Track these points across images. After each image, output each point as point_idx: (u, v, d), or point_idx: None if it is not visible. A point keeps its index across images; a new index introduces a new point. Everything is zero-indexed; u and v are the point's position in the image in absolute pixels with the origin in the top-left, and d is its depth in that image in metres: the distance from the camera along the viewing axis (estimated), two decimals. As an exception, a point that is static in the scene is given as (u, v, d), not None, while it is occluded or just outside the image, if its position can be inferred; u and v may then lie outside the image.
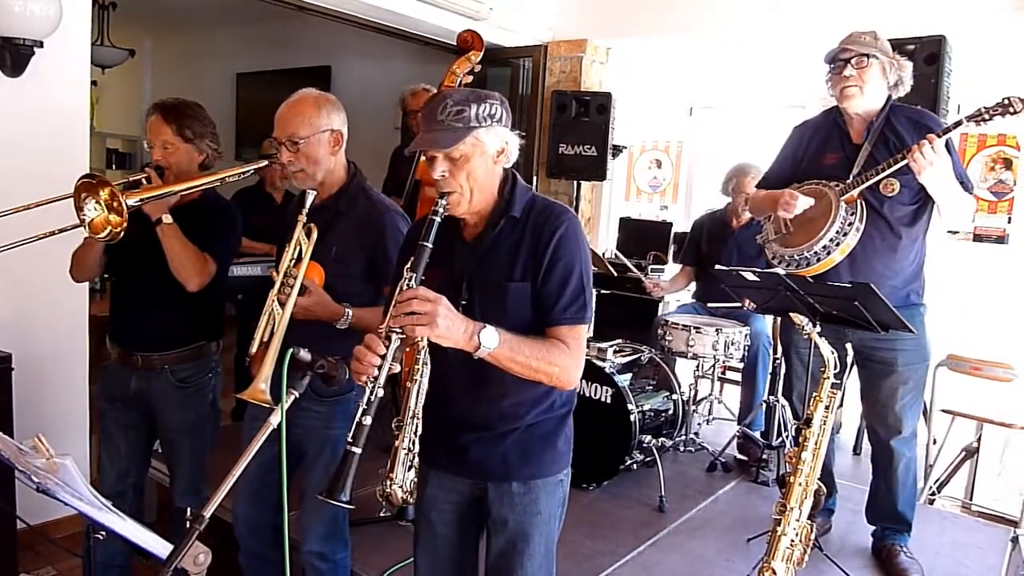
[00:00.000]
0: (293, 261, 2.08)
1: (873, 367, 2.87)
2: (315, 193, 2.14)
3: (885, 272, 2.72)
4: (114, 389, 2.49)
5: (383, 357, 1.48)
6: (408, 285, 1.52)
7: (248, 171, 2.46)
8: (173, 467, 2.59)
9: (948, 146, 2.57)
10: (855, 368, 3.05)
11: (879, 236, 2.71)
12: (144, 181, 2.28)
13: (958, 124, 2.55)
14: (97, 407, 2.55)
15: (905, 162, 2.54)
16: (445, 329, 1.47)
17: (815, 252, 2.72)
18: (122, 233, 2.11)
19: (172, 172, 2.37)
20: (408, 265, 1.55)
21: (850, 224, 2.68)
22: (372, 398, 1.48)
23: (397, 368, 1.53)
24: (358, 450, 1.46)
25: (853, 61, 2.67)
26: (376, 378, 1.48)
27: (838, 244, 2.69)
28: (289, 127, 2.12)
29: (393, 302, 1.51)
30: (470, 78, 3.64)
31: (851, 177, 2.72)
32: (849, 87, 2.68)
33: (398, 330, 1.48)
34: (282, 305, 2.04)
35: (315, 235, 2.07)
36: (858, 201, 2.69)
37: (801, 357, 3.01)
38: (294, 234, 2.09)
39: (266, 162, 2.51)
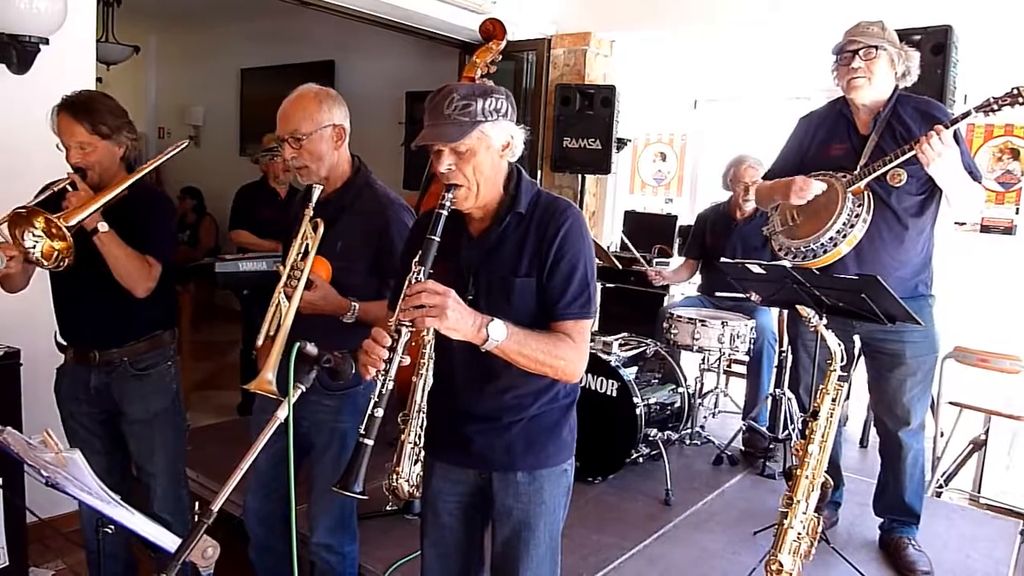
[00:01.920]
0: (300, 255, 2.07)
1: (882, 359, 2.86)
2: (321, 187, 2.14)
3: (892, 263, 2.71)
4: (75, 390, 2.42)
5: (392, 350, 1.49)
6: (416, 279, 1.52)
7: (169, 157, 2.34)
8: (145, 466, 2.46)
9: (956, 136, 2.56)
10: (862, 360, 3.04)
11: (886, 227, 2.70)
12: (68, 187, 2.17)
13: (967, 114, 2.52)
14: (62, 413, 2.46)
15: (913, 153, 2.53)
16: (454, 321, 1.48)
17: (822, 244, 2.71)
18: (71, 256, 2.06)
19: (95, 172, 2.24)
20: (416, 259, 1.55)
21: (857, 215, 2.67)
22: (383, 390, 1.50)
23: (407, 360, 1.53)
24: (370, 442, 1.48)
25: (861, 52, 2.65)
26: (387, 371, 1.49)
27: (845, 235, 2.68)
28: (291, 124, 2.11)
29: (402, 295, 1.51)
30: (493, 68, 3.59)
31: (858, 168, 2.70)
32: (857, 78, 2.66)
33: (407, 323, 1.49)
34: (288, 298, 2.03)
35: (321, 229, 2.07)
36: (865, 192, 2.68)
37: (808, 349, 3.01)
38: (301, 228, 2.08)
39: (184, 145, 2.38)
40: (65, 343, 2.44)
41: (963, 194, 2.65)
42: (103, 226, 2.16)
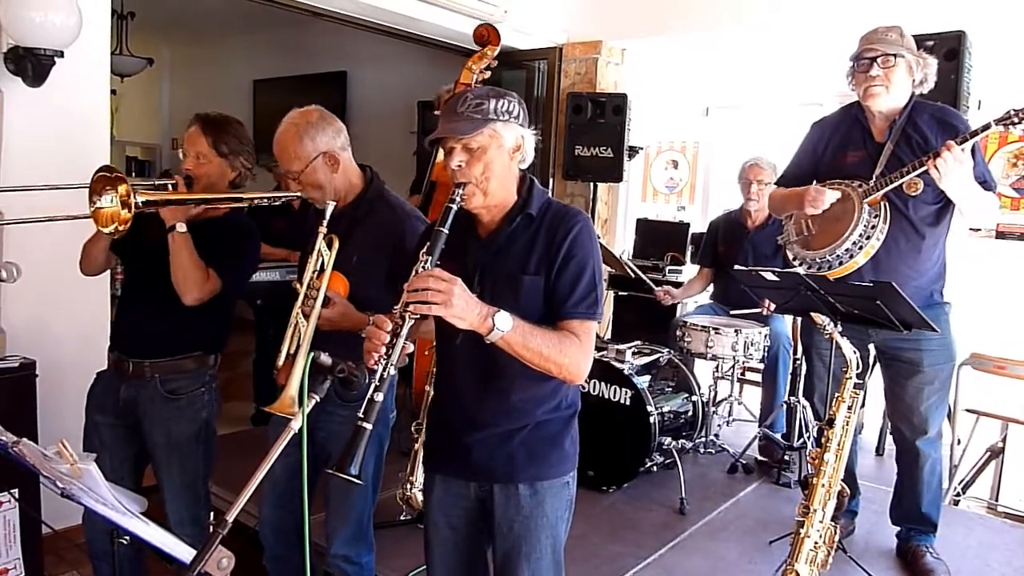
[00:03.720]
0: (316, 273, 2.07)
1: (899, 367, 2.84)
2: (334, 204, 2.14)
3: (910, 273, 2.68)
4: (104, 398, 2.40)
5: (396, 335, 1.49)
6: (424, 267, 1.54)
7: (270, 197, 2.39)
8: (163, 491, 2.41)
9: (973, 148, 2.53)
10: (877, 368, 3.02)
11: (903, 237, 2.67)
12: (170, 187, 2.27)
13: (987, 127, 2.48)
14: (86, 420, 2.43)
15: (925, 168, 2.51)
16: (460, 309, 1.48)
17: (837, 255, 2.69)
18: (125, 229, 2.08)
19: (200, 184, 2.33)
20: (424, 250, 1.57)
21: (873, 226, 2.64)
22: (384, 375, 1.49)
23: (411, 348, 1.53)
24: (368, 426, 1.47)
25: (879, 60, 2.62)
26: (388, 355, 1.49)
27: (861, 247, 2.66)
28: (283, 163, 2.17)
29: (409, 281, 1.52)
30: (487, 74, 3.63)
31: (874, 177, 2.68)
32: (874, 86, 2.63)
33: (411, 310, 1.49)
34: (306, 317, 2.02)
35: (336, 246, 2.07)
36: (881, 203, 2.66)
37: (823, 357, 2.99)
38: (315, 245, 2.08)
39: (295, 195, 2.37)
40: (111, 349, 2.45)
41: (975, 206, 2.63)
42: (181, 227, 2.21)
